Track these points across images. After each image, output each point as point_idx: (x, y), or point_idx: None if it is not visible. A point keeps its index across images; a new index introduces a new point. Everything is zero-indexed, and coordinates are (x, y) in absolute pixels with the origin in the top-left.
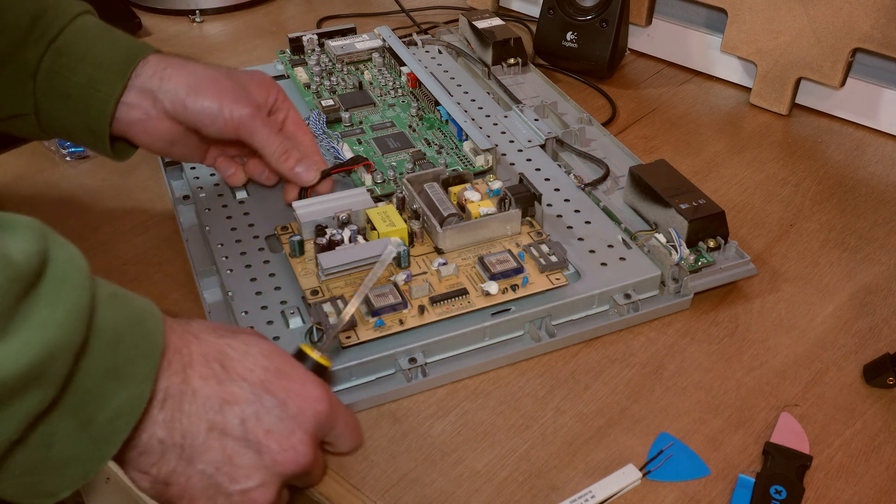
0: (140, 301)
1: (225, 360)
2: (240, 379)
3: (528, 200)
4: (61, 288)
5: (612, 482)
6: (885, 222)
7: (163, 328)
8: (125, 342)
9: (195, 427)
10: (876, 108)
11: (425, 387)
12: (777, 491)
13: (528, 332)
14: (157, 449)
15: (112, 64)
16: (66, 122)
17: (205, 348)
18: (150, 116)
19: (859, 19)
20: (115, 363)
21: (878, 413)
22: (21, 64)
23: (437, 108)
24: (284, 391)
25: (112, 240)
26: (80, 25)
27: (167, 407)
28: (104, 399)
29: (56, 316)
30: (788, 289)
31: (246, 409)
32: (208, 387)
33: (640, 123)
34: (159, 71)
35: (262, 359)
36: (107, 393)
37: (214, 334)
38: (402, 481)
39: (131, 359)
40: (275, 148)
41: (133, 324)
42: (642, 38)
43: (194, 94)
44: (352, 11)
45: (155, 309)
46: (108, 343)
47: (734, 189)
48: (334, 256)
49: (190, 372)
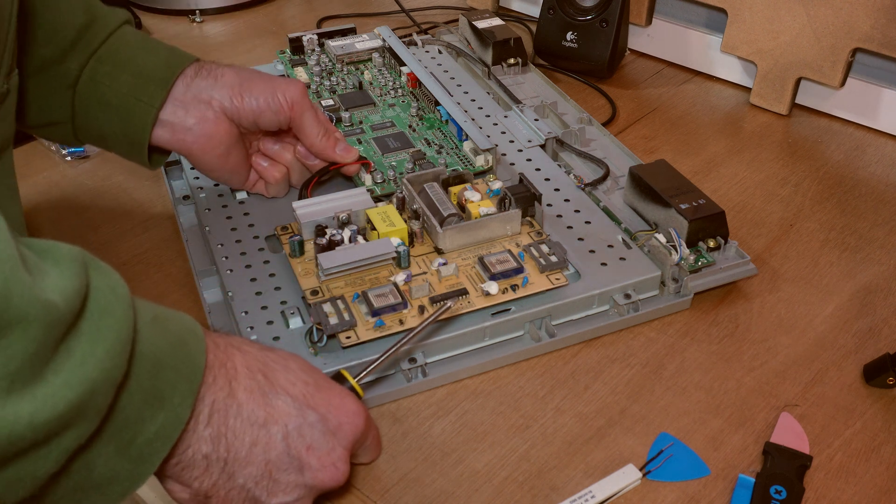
0: (181, 321)
1: (268, 371)
2: (283, 392)
3: (528, 200)
4: (103, 321)
5: (612, 482)
6: (885, 222)
7: (204, 347)
8: (166, 366)
9: (239, 442)
10: (876, 108)
11: (425, 387)
12: (777, 491)
13: (528, 332)
14: (201, 463)
15: (153, 73)
16: (103, 131)
17: (248, 359)
18: (208, 119)
19: (859, 19)
20: (155, 388)
21: (878, 413)
22: (63, 73)
23: (437, 108)
24: (325, 405)
25: (112, 240)
26: (121, 35)
27: (213, 422)
28: (143, 423)
29: (97, 352)
30: (788, 289)
31: (289, 424)
32: (253, 400)
33: (640, 123)
34: (212, 71)
35: (302, 373)
36: (146, 417)
37: (255, 346)
38: (402, 481)
39: (171, 382)
40: (319, 129)
41: (174, 347)
42: (642, 38)
43: (248, 84)
44: (352, 11)
45: (196, 327)
46: (148, 370)
47: (734, 189)
48: (334, 256)
49: (235, 385)
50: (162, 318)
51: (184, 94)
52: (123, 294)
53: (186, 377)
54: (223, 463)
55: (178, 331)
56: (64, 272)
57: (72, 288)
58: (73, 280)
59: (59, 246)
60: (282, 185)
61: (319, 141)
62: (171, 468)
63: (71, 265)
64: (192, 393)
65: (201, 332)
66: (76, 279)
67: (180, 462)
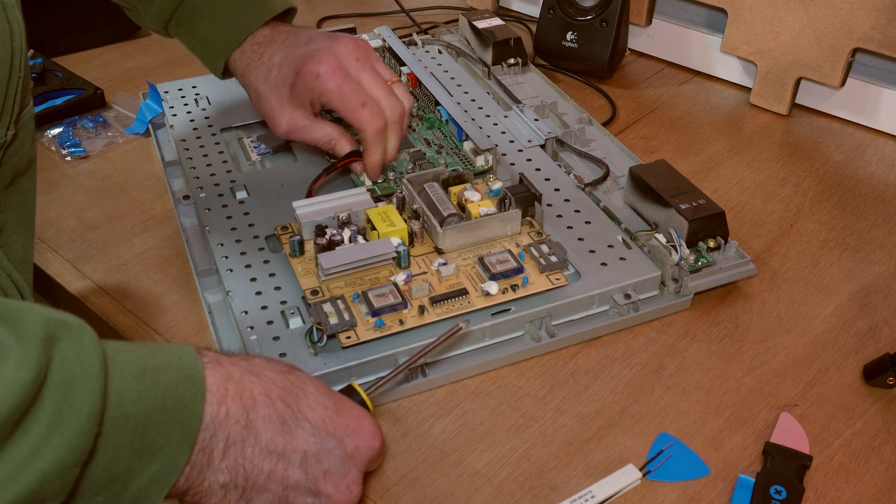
0: (175, 368)
1: (288, 398)
2: (303, 419)
3: (528, 200)
4: (64, 406)
5: (612, 482)
6: (885, 222)
7: (202, 391)
8: (156, 421)
9: (257, 470)
10: (876, 108)
11: (425, 387)
12: (777, 491)
13: (528, 332)
14: (218, 492)
15: None
16: None
17: (268, 387)
18: None
19: (859, 19)
20: (144, 443)
21: (878, 413)
22: None
23: (437, 108)
24: (343, 430)
25: (112, 240)
26: None
27: (229, 455)
28: (134, 474)
29: (53, 440)
30: (788, 289)
31: (308, 451)
32: (271, 429)
33: (640, 123)
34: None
35: (322, 396)
36: (136, 469)
37: (274, 370)
38: (402, 481)
39: (164, 433)
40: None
41: (165, 400)
42: (642, 38)
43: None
44: (352, 11)
45: (195, 369)
46: (133, 429)
47: (734, 189)
48: (334, 256)
49: (253, 415)
50: (152, 370)
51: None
52: (92, 361)
53: (181, 426)
54: (241, 490)
55: (170, 381)
56: (24, 358)
57: (28, 379)
58: (31, 369)
59: (25, 314)
60: None
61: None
62: (189, 497)
63: (32, 345)
64: (189, 440)
65: (200, 373)
66: (35, 367)
67: (198, 493)
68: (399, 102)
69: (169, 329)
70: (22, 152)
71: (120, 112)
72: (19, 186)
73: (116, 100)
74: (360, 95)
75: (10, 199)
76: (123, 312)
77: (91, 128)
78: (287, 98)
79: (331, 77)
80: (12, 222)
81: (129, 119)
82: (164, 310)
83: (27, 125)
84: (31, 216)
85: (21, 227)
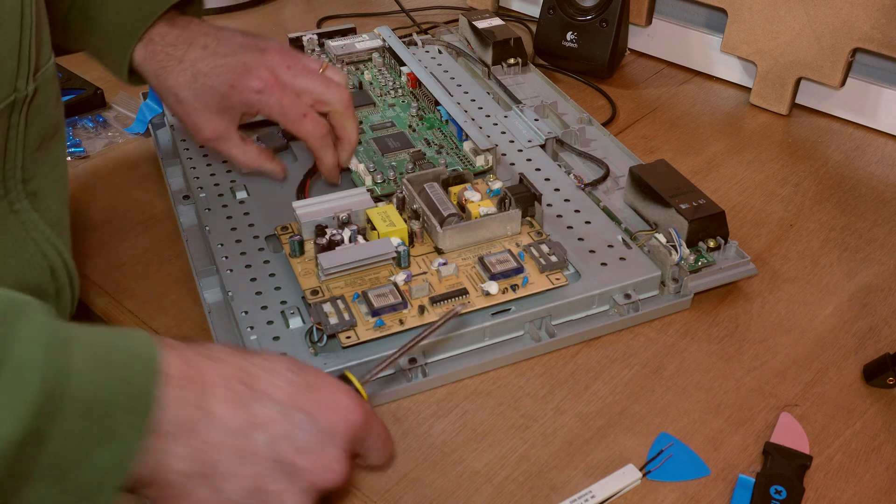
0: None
1: (249, 379)
2: (265, 397)
3: (528, 200)
4: (9, 381)
5: (612, 482)
6: (885, 222)
7: (155, 374)
8: (106, 404)
9: (221, 455)
10: (876, 108)
11: (425, 387)
12: (777, 491)
13: (528, 332)
14: (179, 481)
15: None
16: None
17: (225, 370)
18: None
19: (859, 19)
20: (94, 428)
21: (878, 413)
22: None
23: (437, 108)
24: (314, 404)
25: (112, 240)
26: None
27: (183, 440)
28: (85, 461)
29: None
30: (788, 289)
31: (274, 430)
32: (230, 411)
33: (640, 123)
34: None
35: (289, 373)
36: (86, 455)
37: (235, 354)
38: (402, 481)
39: (116, 418)
40: None
41: (115, 382)
42: (642, 38)
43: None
44: (352, 11)
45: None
46: (81, 412)
47: (734, 189)
48: (334, 256)
49: (209, 398)
50: (103, 351)
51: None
52: (43, 339)
53: (134, 410)
54: (206, 479)
55: (122, 363)
56: None
57: None
58: None
59: None
60: None
61: None
62: (153, 490)
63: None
64: (142, 425)
65: (155, 357)
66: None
67: (160, 486)
68: (340, 89)
69: (169, 329)
70: (47, 112)
71: (120, 112)
72: (49, 151)
73: (116, 100)
74: (300, 107)
75: (41, 164)
76: (123, 312)
77: (91, 128)
78: (215, 107)
79: (270, 93)
80: (46, 187)
81: (129, 119)
82: (164, 310)
83: (49, 83)
84: (63, 182)
85: (56, 193)
